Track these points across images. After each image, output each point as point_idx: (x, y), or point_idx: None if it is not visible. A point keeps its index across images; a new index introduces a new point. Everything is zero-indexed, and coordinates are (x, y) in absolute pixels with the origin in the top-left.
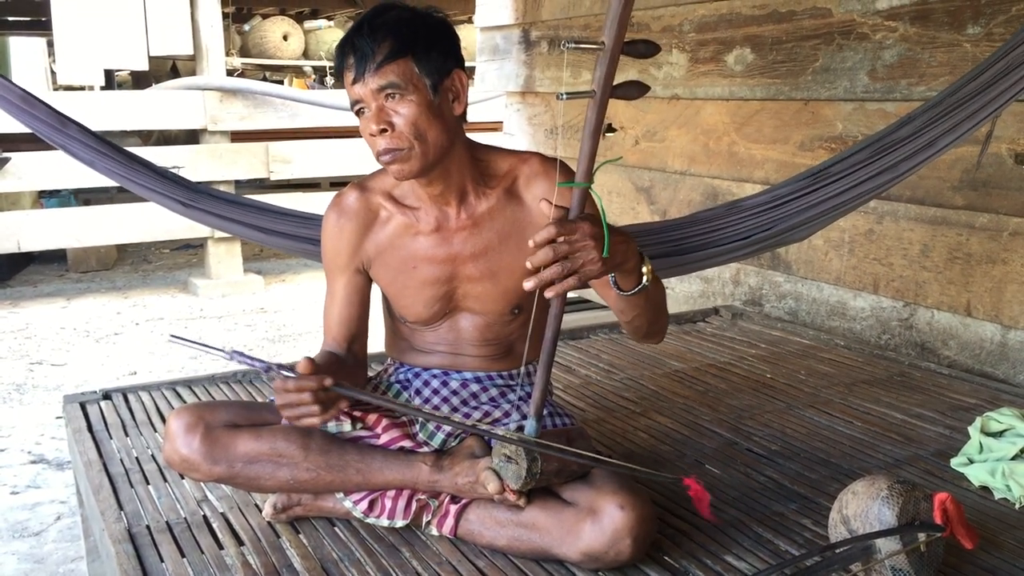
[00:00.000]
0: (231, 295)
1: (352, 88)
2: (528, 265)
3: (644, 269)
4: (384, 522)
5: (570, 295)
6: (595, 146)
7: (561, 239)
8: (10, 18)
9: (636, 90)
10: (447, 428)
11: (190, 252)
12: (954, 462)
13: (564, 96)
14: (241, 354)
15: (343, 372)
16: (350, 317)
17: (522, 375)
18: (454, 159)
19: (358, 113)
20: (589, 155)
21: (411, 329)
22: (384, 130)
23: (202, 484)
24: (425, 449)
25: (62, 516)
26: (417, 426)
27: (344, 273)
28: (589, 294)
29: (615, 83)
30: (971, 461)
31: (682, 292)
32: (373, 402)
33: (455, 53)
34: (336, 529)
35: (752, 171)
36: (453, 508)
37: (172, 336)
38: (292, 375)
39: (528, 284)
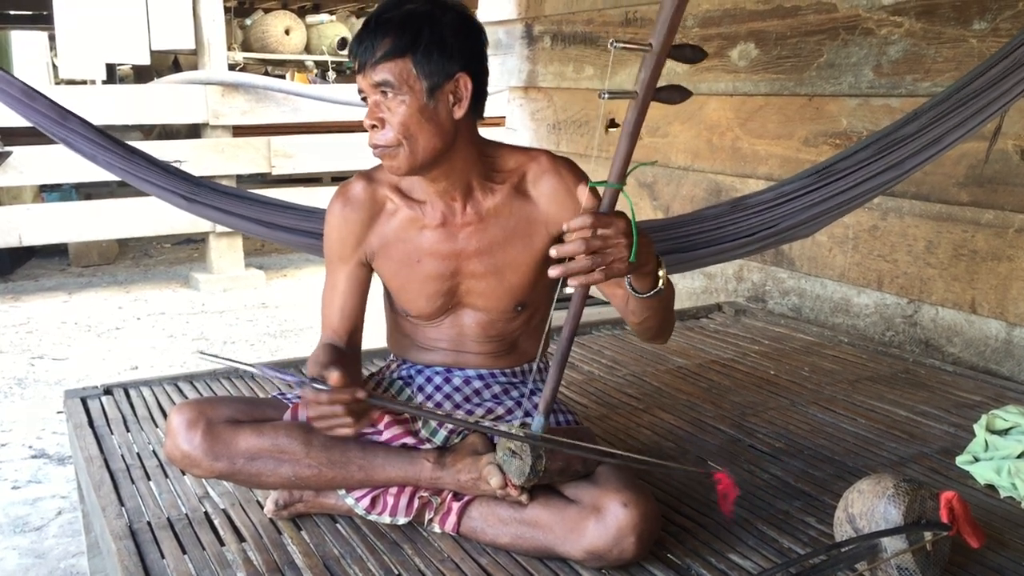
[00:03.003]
0: (232, 290)
1: (357, 78)
2: (553, 253)
3: (660, 273)
4: (386, 519)
5: (568, 291)
6: (632, 147)
7: (596, 231)
8: (12, 12)
9: (679, 94)
10: (450, 425)
11: (191, 247)
12: (959, 460)
13: (606, 95)
14: (273, 368)
15: (352, 368)
16: (352, 309)
17: (533, 371)
18: (457, 156)
19: (364, 100)
20: (625, 156)
21: (414, 325)
22: (375, 125)
23: (203, 480)
24: (427, 446)
25: (63, 511)
26: (420, 423)
27: (347, 264)
28: (592, 290)
29: (657, 86)
30: (977, 459)
31: (685, 288)
32: (404, 411)
33: (464, 55)
34: (338, 526)
35: (756, 167)
36: (456, 505)
37: (201, 353)
38: (325, 387)
39: (554, 271)
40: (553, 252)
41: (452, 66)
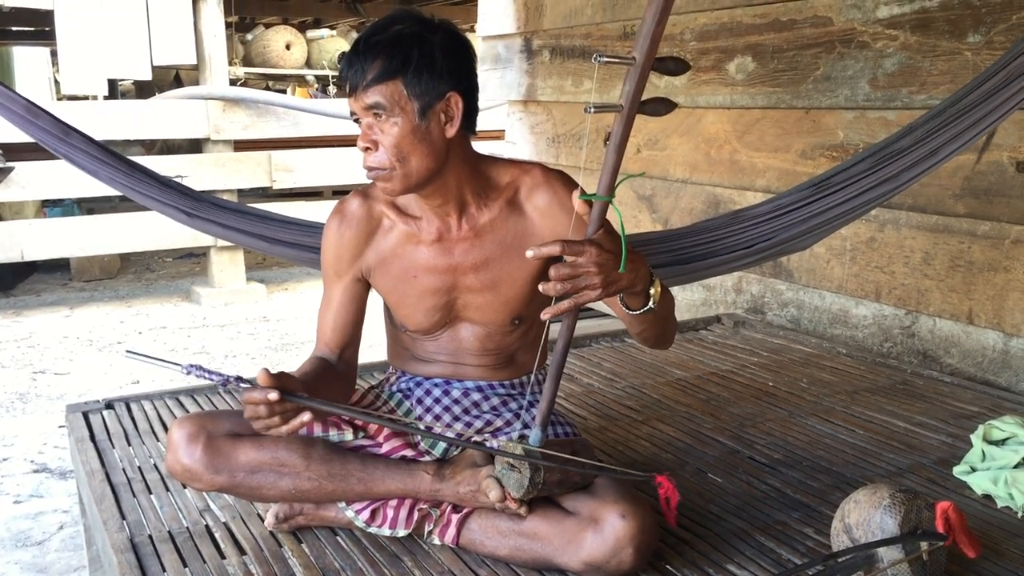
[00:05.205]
0: (234, 304)
1: (349, 100)
2: (541, 288)
3: (652, 290)
4: (386, 531)
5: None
6: (620, 160)
7: (568, 259)
8: (14, 28)
9: (664, 107)
10: (449, 435)
11: (193, 261)
12: (956, 470)
13: (592, 109)
14: (199, 368)
15: (330, 379)
16: (345, 324)
17: (532, 383)
18: (451, 173)
19: (356, 122)
20: (612, 169)
21: (412, 338)
22: (369, 148)
23: (204, 493)
24: (427, 458)
25: (65, 525)
26: (419, 435)
27: (342, 279)
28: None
29: (642, 99)
30: (973, 469)
31: (684, 300)
32: (336, 412)
33: (454, 75)
34: (338, 538)
35: (754, 179)
36: (455, 517)
37: (128, 351)
38: (247, 385)
39: (543, 287)
40: (541, 288)
41: (443, 86)
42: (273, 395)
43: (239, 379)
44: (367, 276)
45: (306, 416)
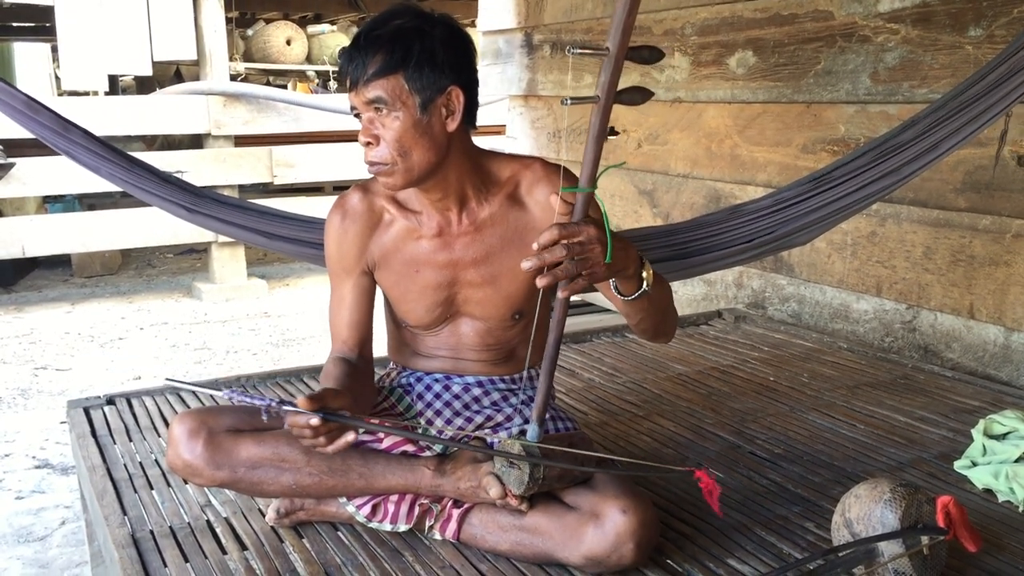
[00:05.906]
0: (235, 299)
1: (349, 95)
2: (524, 265)
3: (644, 274)
4: (387, 527)
5: (572, 299)
6: (599, 151)
7: (566, 241)
8: (15, 24)
9: (640, 95)
10: (449, 433)
11: (194, 256)
12: (957, 465)
13: (569, 101)
14: (241, 393)
15: (362, 381)
16: (360, 320)
17: (524, 380)
18: (451, 168)
19: (357, 117)
20: (593, 160)
21: (413, 334)
22: (370, 143)
23: (205, 489)
24: (428, 453)
25: (66, 521)
26: (419, 430)
27: (351, 276)
28: (593, 297)
29: (619, 88)
30: (974, 464)
31: (685, 295)
32: (376, 429)
33: (455, 68)
34: (339, 534)
35: (755, 174)
36: (456, 512)
37: (168, 379)
38: (289, 409)
39: (541, 282)
40: (525, 265)
41: (444, 80)
42: (315, 420)
43: (281, 402)
44: (372, 270)
45: (351, 436)
